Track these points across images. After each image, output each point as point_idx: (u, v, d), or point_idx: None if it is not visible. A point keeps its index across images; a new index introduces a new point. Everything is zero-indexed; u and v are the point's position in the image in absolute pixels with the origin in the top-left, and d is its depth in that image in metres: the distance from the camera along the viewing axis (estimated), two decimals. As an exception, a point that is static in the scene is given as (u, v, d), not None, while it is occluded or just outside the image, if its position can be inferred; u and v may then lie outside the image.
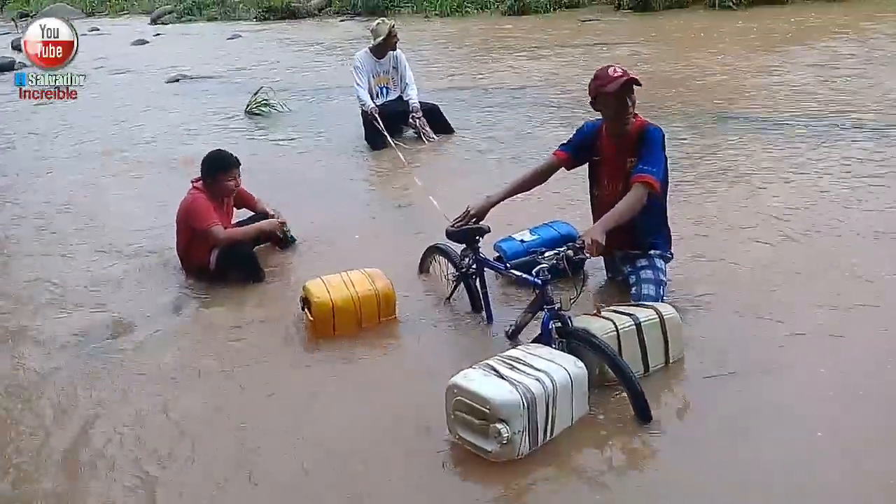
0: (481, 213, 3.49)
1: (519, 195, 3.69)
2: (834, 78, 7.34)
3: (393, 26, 6.73)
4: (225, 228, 4.33)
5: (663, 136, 3.37)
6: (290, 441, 2.89)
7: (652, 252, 3.50)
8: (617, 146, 3.43)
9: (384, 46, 6.74)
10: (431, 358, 3.38)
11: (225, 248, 4.26)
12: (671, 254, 3.62)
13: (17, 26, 20.81)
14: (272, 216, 4.60)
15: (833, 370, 2.96)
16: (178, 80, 11.58)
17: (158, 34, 19.42)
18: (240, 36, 17.04)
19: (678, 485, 2.47)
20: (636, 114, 3.40)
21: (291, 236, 4.73)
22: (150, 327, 3.90)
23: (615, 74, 3.27)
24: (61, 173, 6.98)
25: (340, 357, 3.47)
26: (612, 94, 3.26)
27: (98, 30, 21.33)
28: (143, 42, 17.49)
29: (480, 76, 9.59)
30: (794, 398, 2.82)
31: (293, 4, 19.58)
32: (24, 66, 13.56)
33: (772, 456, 2.53)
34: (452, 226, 3.50)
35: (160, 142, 7.87)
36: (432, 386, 2.83)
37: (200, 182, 4.37)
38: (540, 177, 3.63)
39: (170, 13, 22.83)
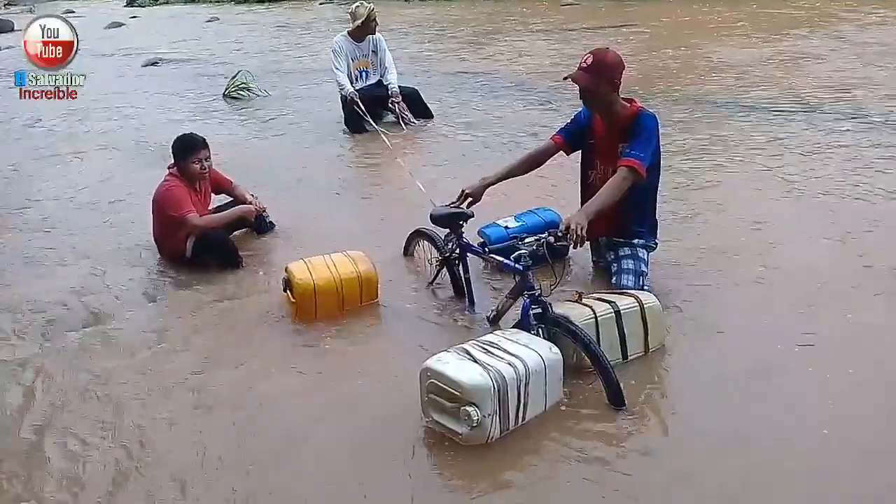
0: (476, 195, 3.48)
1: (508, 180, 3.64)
2: (864, 66, 7.31)
3: (372, 9, 6.65)
4: (201, 215, 4.26)
5: (657, 122, 3.33)
6: (264, 426, 2.85)
7: (636, 241, 3.47)
8: (609, 131, 3.40)
9: (363, 30, 6.66)
10: (412, 342, 3.34)
11: (200, 235, 4.20)
12: (656, 243, 3.59)
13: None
14: (250, 201, 4.54)
15: (839, 364, 2.91)
16: (154, 64, 11.43)
17: (134, 17, 19.17)
18: (217, 19, 16.85)
19: (650, 472, 2.46)
20: (633, 99, 3.39)
21: (270, 221, 4.68)
22: (124, 316, 3.82)
23: (582, 64, 3.28)
24: (34, 157, 6.84)
25: (320, 340, 3.44)
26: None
27: (73, 12, 20.96)
28: (118, 25, 17.24)
29: (462, 61, 9.54)
30: (798, 394, 2.77)
31: (272, -13, 19.41)
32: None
33: (760, 447, 2.52)
34: (448, 207, 3.48)
35: (135, 126, 7.75)
36: (411, 369, 2.81)
37: (176, 168, 4.29)
38: (535, 161, 3.61)
39: (146, -5, 22.50)
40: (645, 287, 3.35)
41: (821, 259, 3.75)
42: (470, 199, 3.50)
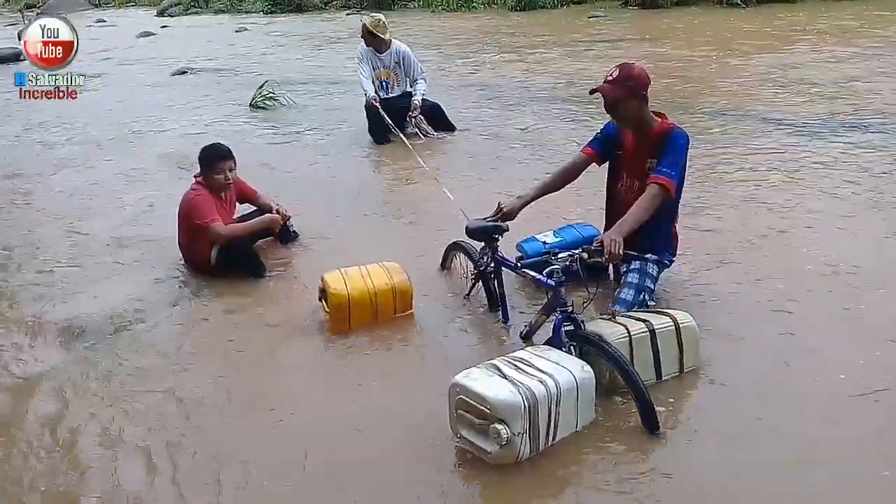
0: (512, 213, 3.42)
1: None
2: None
3: (368, 23, 6.64)
4: (226, 223, 4.24)
5: (687, 141, 3.26)
6: (293, 437, 2.81)
7: (648, 256, 3.36)
8: (638, 144, 3.34)
9: (373, 42, 6.67)
10: (443, 355, 3.28)
11: (225, 243, 4.17)
12: (671, 260, 3.48)
13: (23, 17, 20.80)
14: (275, 210, 4.51)
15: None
16: (183, 73, 11.53)
17: (165, 26, 19.42)
18: (246, 29, 17.01)
19: (680, 498, 2.36)
20: (664, 114, 3.33)
21: (293, 231, 4.64)
22: (150, 322, 3.80)
23: (608, 77, 3.23)
24: (65, 165, 6.90)
25: (350, 351, 3.40)
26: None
27: (104, 21, 21.35)
28: (149, 34, 17.46)
29: (487, 72, 9.49)
30: (850, 427, 2.62)
31: (300, -2, 19.58)
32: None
33: (809, 481, 2.40)
34: (484, 220, 3.43)
35: (163, 134, 7.79)
36: (441, 384, 2.73)
37: (201, 177, 4.28)
38: (569, 175, 3.54)
39: (176, 5, 22.81)
40: (648, 304, 3.26)
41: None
42: (506, 217, 3.42)
